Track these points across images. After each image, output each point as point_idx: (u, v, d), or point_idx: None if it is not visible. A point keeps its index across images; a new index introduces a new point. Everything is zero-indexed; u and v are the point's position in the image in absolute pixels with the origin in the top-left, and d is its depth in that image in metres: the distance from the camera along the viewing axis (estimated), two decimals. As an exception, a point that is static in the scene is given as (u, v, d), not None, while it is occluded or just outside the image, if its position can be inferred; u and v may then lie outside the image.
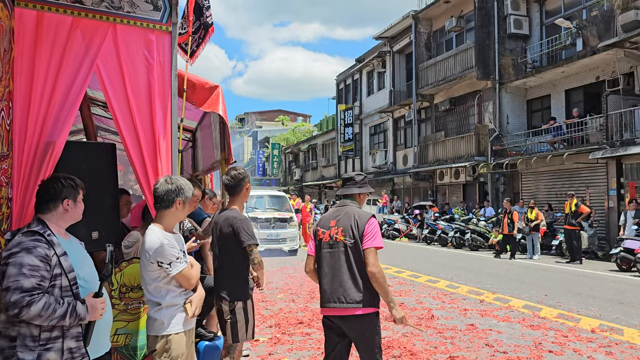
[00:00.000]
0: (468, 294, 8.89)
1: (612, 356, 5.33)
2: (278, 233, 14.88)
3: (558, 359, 5.25)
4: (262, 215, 15.05)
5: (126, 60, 3.29)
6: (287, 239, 15.05)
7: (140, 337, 3.41)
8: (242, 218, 3.66)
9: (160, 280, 2.91)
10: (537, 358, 5.23)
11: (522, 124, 19.70)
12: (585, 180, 16.21)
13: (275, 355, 5.33)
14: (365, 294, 3.23)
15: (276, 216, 15.14)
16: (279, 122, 60.65)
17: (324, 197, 36.45)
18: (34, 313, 2.19)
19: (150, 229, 2.97)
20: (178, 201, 2.96)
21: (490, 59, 19.65)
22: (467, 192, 21.84)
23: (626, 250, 11.64)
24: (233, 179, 3.74)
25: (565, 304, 8.03)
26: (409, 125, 26.01)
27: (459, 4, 21.62)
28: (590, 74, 16.68)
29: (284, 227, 15.07)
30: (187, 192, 3.00)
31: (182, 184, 2.98)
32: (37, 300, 2.20)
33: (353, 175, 3.57)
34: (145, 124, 3.36)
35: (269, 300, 8.19)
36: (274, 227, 14.90)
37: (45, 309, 2.21)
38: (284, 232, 15.01)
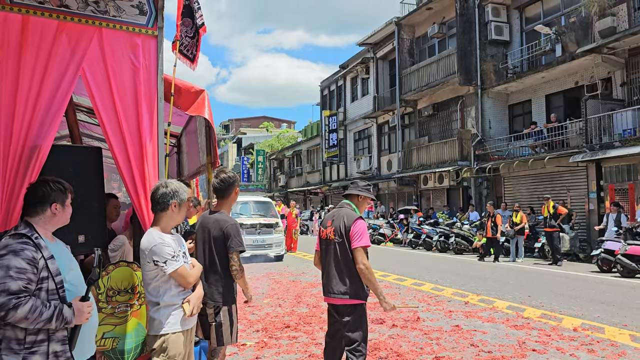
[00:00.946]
0: (453, 296, 8.98)
1: (594, 354, 5.43)
2: (264, 239, 14.79)
3: (541, 357, 5.34)
4: (247, 221, 14.94)
5: (112, 64, 3.30)
6: (273, 245, 14.95)
7: (127, 340, 3.39)
8: (233, 223, 3.68)
9: (158, 279, 2.97)
10: (521, 357, 5.31)
11: (504, 128, 19.98)
12: (566, 183, 16.49)
13: (263, 359, 5.34)
14: (350, 287, 3.71)
15: (262, 222, 15.05)
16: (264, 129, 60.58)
17: (309, 203, 36.47)
18: (20, 316, 2.19)
19: (147, 231, 3.06)
20: (173, 203, 3.04)
21: (472, 65, 19.92)
22: (450, 196, 22.05)
23: (606, 252, 11.85)
24: (223, 183, 3.76)
25: (548, 305, 8.15)
26: (393, 130, 26.21)
27: (441, 10, 21.91)
28: (570, 79, 17.00)
29: (270, 232, 14.98)
30: (182, 195, 3.06)
31: (177, 187, 3.05)
32: (24, 303, 2.20)
33: (357, 180, 4.09)
34: (131, 128, 3.37)
35: (256, 305, 8.18)
36: (260, 232, 14.80)
37: (31, 312, 2.21)
38: (270, 238, 14.91)
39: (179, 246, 3.15)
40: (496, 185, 19.71)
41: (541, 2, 18.48)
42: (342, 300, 3.73)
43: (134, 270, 3.41)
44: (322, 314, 7.35)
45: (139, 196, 3.38)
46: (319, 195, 36.21)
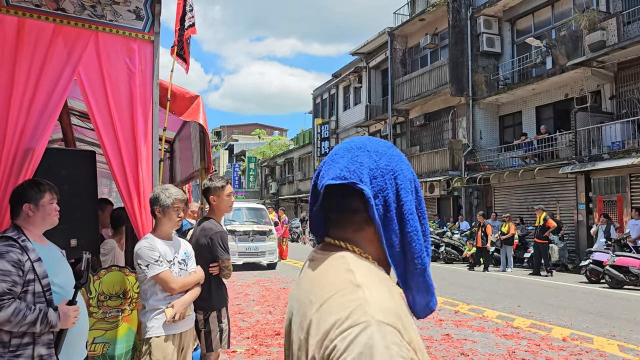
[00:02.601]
0: (443, 305, 9.00)
1: (582, 364, 5.47)
2: (257, 246, 14.61)
3: (531, 367, 5.37)
4: (240, 227, 14.76)
5: (108, 68, 3.30)
6: (266, 253, 14.77)
7: (117, 346, 3.38)
8: (218, 230, 3.66)
9: (145, 282, 3.04)
10: (511, 366, 5.34)
11: (494, 139, 20.14)
12: (556, 194, 16.62)
13: (253, 366, 5.32)
14: None
15: (255, 229, 14.87)
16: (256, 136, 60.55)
17: (300, 211, 36.43)
18: (3, 318, 2.17)
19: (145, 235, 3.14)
20: (156, 210, 3.10)
21: (463, 76, 20.10)
22: (441, 205, 22.13)
23: (595, 263, 11.94)
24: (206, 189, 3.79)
25: (537, 314, 8.20)
26: (385, 139, 26.24)
27: (434, 21, 22.11)
28: (560, 91, 17.20)
29: (263, 240, 14.81)
30: (164, 201, 3.07)
31: (157, 193, 3.10)
32: (7, 305, 2.19)
33: None
34: (126, 132, 3.37)
35: (246, 312, 8.15)
36: (253, 240, 14.62)
37: (15, 315, 2.19)
38: (263, 246, 14.74)
39: (176, 252, 3.15)
40: (486, 195, 19.83)
41: (532, 15, 18.72)
42: None
43: (126, 275, 3.40)
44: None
45: (132, 201, 3.37)
46: (310, 203, 36.18)
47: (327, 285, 0.98)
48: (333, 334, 0.90)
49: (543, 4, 18.04)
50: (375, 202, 1.01)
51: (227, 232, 3.76)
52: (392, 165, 1.04)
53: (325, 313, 0.94)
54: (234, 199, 3.84)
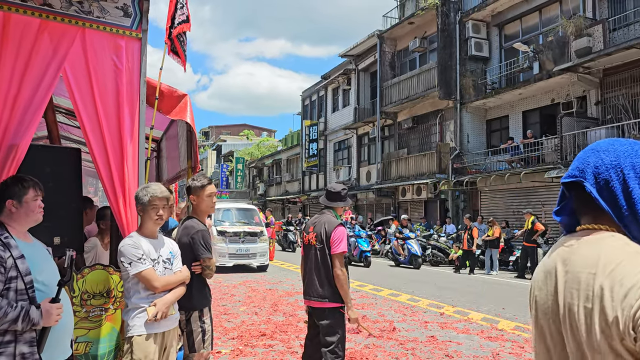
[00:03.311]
0: (429, 307, 9.04)
1: (565, 366, 5.51)
2: (247, 248, 14.29)
3: (514, 368, 5.41)
4: (230, 229, 14.46)
5: (94, 64, 3.27)
6: (257, 254, 14.47)
7: (100, 345, 3.34)
8: (199, 229, 3.62)
9: (129, 281, 3.03)
10: (495, 368, 5.37)
11: (481, 143, 20.30)
12: (541, 198, 16.78)
13: (238, 366, 5.29)
14: (328, 291, 3.85)
15: (246, 230, 14.56)
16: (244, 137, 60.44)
17: (287, 212, 36.38)
18: None
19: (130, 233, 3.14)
20: (138, 208, 3.12)
21: (451, 80, 20.24)
22: (428, 208, 22.24)
23: (579, 266, 12.05)
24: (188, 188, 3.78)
25: (521, 317, 8.26)
26: (373, 142, 26.39)
27: (423, 25, 22.23)
28: (546, 96, 17.38)
29: (254, 241, 14.48)
30: (142, 199, 3.07)
31: (137, 192, 3.12)
32: None
33: (339, 189, 4.12)
34: (112, 130, 3.34)
35: (232, 313, 8.12)
36: (244, 241, 14.31)
37: None
38: (254, 247, 14.43)
39: (159, 251, 3.14)
40: (473, 198, 19.97)
41: (520, 20, 18.90)
42: (321, 303, 3.87)
43: (110, 274, 3.37)
44: (299, 322, 7.34)
45: (118, 199, 3.35)
46: (297, 205, 36.17)
47: (612, 257, 1.14)
48: (637, 294, 1.05)
49: (531, 10, 18.23)
50: (603, 194, 1.22)
51: (209, 231, 3.73)
52: (620, 160, 1.23)
53: (619, 277, 1.10)
54: (215, 200, 3.79)
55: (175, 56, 3.92)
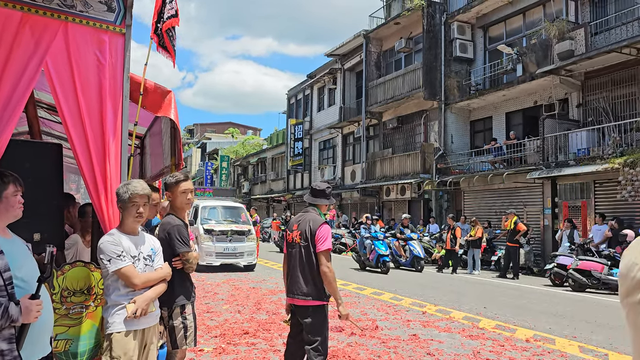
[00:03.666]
0: (411, 306, 9.10)
1: (544, 364, 5.61)
2: (235, 247, 14.01)
3: (495, 366, 5.47)
4: (218, 227, 14.16)
5: (77, 59, 3.23)
6: (245, 254, 14.20)
7: (81, 343, 3.31)
8: (175, 224, 3.61)
9: (108, 278, 3.00)
10: (476, 366, 5.43)
11: (465, 143, 20.47)
12: (523, 199, 16.99)
13: (220, 365, 5.28)
14: (312, 289, 3.85)
15: (234, 228, 14.28)
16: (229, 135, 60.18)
17: (272, 211, 36.33)
18: None
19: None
20: (119, 205, 3.10)
21: (436, 80, 20.38)
22: (412, 208, 22.36)
23: (559, 266, 12.26)
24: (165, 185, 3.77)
25: (502, 316, 8.36)
26: (358, 141, 26.46)
27: (408, 26, 22.34)
28: (529, 98, 17.60)
29: (242, 240, 14.21)
30: (122, 196, 3.06)
31: (118, 189, 3.10)
32: None
33: (324, 187, 4.12)
34: (94, 126, 3.31)
35: (215, 311, 8.09)
36: (231, 240, 14.03)
37: None
38: (242, 246, 14.14)
39: (140, 248, 3.12)
40: (456, 198, 20.14)
41: (504, 23, 19.10)
42: (305, 301, 3.86)
43: (91, 271, 3.34)
44: (282, 321, 7.33)
45: (100, 196, 3.31)
46: (282, 203, 36.13)
47: None
48: None
49: (515, 13, 18.43)
50: None
51: (185, 226, 3.68)
52: None
53: None
54: (190, 196, 3.73)
55: (164, 51, 3.89)
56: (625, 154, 12.94)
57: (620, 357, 5.95)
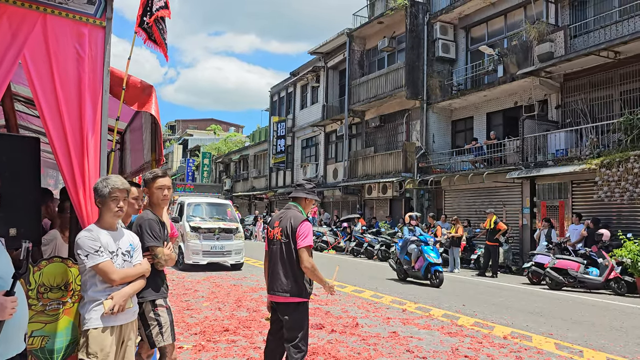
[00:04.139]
0: (391, 304, 9.16)
1: (521, 360, 5.69)
2: (222, 245, 13.58)
3: (473, 363, 5.54)
4: (205, 224, 13.73)
5: (56, 52, 3.18)
6: (232, 252, 13.77)
7: (57, 339, 3.26)
8: (147, 218, 3.59)
9: (86, 273, 2.97)
10: (454, 363, 5.49)
11: (446, 143, 20.65)
12: (503, 198, 17.20)
13: (199, 362, 5.25)
14: (293, 286, 3.86)
15: (221, 226, 13.85)
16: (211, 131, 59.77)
17: (254, 208, 36.22)
18: None
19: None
20: (97, 200, 3.06)
21: (419, 80, 20.51)
22: (393, 206, 22.50)
23: (537, 265, 12.45)
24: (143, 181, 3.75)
25: (481, 313, 8.47)
26: (340, 139, 26.51)
27: (392, 25, 22.44)
28: (510, 99, 17.81)
29: (229, 238, 13.79)
30: (101, 191, 3.02)
31: (96, 184, 3.06)
32: None
33: (304, 182, 4.19)
34: (73, 120, 3.26)
35: (195, 309, 8.04)
36: (219, 238, 13.60)
37: None
38: (229, 244, 13.73)
39: (118, 243, 3.09)
40: (437, 197, 20.30)
41: (486, 24, 19.29)
42: (285, 298, 3.87)
43: (69, 267, 3.29)
44: (262, 318, 7.33)
45: (78, 191, 3.27)
46: (264, 201, 36.03)
47: None
48: None
49: (497, 14, 18.63)
50: None
51: (161, 222, 3.65)
52: None
53: None
54: (166, 193, 3.69)
55: (154, 45, 3.83)
56: (602, 155, 13.19)
57: (594, 354, 6.07)
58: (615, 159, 12.68)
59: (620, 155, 12.59)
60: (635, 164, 12.17)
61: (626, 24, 14.16)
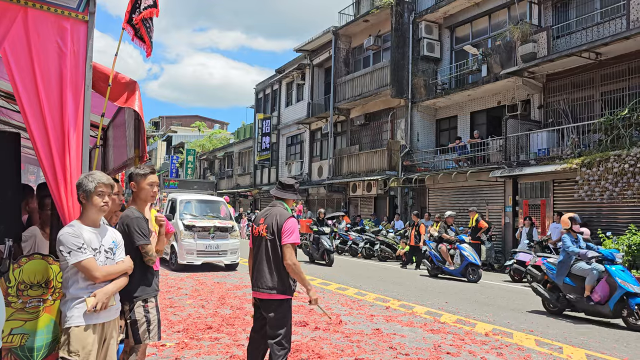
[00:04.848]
0: (375, 301, 9.21)
1: (502, 357, 5.77)
2: (218, 244, 13.09)
3: (454, 359, 5.60)
4: (199, 223, 13.16)
5: (37, 46, 3.14)
6: (228, 252, 13.22)
7: (37, 337, 3.22)
8: (134, 216, 3.57)
9: (67, 270, 2.94)
10: (436, 359, 5.55)
11: (431, 141, 20.79)
12: (486, 197, 17.37)
13: (182, 359, 5.23)
14: (277, 283, 3.87)
15: (217, 224, 13.30)
16: (195, 128, 59.38)
17: (239, 206, 36.08)
18: None
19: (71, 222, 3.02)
20: (80, 196, 3.02)
21: (404, 79, 20.61)
22: (378, 204, 22.59)
23: (518, 263, 12.61)
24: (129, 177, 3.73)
25: (463, 311, 8.56)
26: (325, 137, 26.53)
27: (377, 24, 22.50)
28: (493, 98, 17.99)
29: (225, 237, 13.30)
30: (86, 186, 3.00)
31: (81, 179, 3.03)
32: None
33: (292, 183, 4.18)
34: (55, 115, 3.22)
35: (178, 306, 8.00)
36: (214, 237, 13.09)
37: None
38: (225, 244, 13.21)
39: (102, 240, 3.06)
40: (421, 195, 20.43)
41: (471, 24, 19.45)
42: (269, 295, 3.88)
43: (50, 264, 3.25)
44: (246, 315, 7.32)
45: (59, 188, 3.23)
46: (248, 198, 35.92)
47: None
48: None
49: (481, 14, 18.79)
50: None
51: (144, 218, 3.63)
52: None
53: None
54: (155, 189, 3.71)
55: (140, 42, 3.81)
56: (583, 155, 13.38)
57: (573, 350, 6.17)
58: (595, 159, 12.89)
59: (600, 155, 12.79)
60: (614, 164, 12.38)
61: (607, 25, 14.39)
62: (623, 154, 12.21)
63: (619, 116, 12.78)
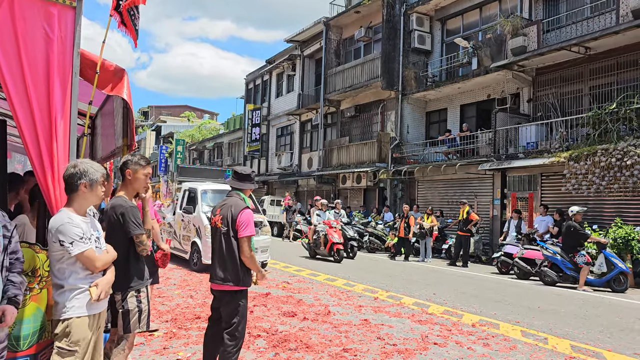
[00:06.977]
0: (363, 292, 9.25)
1: (488, 347, 5.83)
2: None
3: (441, 350, 5.65)
4: None
5: (23, 32, 3.09)
6: (259, 250, 10.78)
7: (24, 326, 3.20)
8: (128, 206, 3.56)
9: (64, 261, 2.87)
10: (423, 350, 5.60)
11: (420, 134, 20.84)
12: (474, 189, 17.48)
13: (170, 349, 5.24)
14: (232, 274, 3.89)
15: None
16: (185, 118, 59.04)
17: (228, 197, 35.98)
18: None
19: (59, 211, 2.95)
20: (83, 184, 2.95)
21: (394, 71, 20.60)
22: (367, 196, 22.65)
23: (506, 255, 12.73)
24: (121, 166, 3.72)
25: (450, 302, 8.63)
26: (316, 129, 26.49)
27: (369, 15, 22.43)
28: (483, 91, 18.05)
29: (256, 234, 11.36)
30: (93, 175, 2.96)
31: (86, 168, 2.96)
32: None
33: (249, 172, 4.16)
34: (41, 103, 3.18)
35: (166, 296, 7.98)
36: None
37: None
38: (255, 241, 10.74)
39: (92, 230, 3.04)
40: (410, 187, 20.51)
41: (462, 16, 19.46)
42: (224, 286, 3.91)
43: (36, 252, 3.23)
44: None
45: (46, 176, 3.20)
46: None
47: None
48: None
49: (472, 7, 18.80)
50: None
51: (137, 207, 3.64)
52: None
53: None
54: (149, 182, 3.75)
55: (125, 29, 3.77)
56: (571, 149, 13.50)
57: (558, 341, 6.26)
58: (583, 153, 13.00)
59: (588, 149, 12.91)
60: (602, 158, 12.50)
61: (597, 20, 14.46)
62: (610, 148, 12.34)
63: (607, 110, 12.89)
